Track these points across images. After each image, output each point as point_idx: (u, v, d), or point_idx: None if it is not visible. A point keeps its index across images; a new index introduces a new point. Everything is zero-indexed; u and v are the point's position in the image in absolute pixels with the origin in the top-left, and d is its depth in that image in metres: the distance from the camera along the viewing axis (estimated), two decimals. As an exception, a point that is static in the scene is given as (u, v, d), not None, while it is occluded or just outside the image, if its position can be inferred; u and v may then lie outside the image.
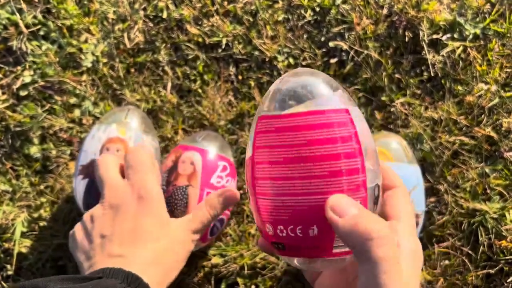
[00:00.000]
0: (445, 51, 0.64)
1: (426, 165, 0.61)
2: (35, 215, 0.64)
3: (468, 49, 0.64)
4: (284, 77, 0.34)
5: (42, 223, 0.64)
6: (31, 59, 0.68)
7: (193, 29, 0.69)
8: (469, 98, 0.62)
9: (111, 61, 0.69)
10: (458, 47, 0.64)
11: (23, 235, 0.63)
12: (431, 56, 0.64)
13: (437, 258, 0.59)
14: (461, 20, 0.65)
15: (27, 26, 0.69)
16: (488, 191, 0.59)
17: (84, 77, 0.68)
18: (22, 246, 0.63)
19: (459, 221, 0.59)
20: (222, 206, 0.51)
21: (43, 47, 0.68)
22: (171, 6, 0.70)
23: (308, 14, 0.68)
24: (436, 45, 0.65)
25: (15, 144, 0.66)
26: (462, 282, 0.57)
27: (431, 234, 0.60)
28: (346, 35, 0.66)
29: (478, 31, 0.64)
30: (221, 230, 0.58)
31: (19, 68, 0.68)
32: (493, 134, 0.61)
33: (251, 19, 0.69)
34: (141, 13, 0.70)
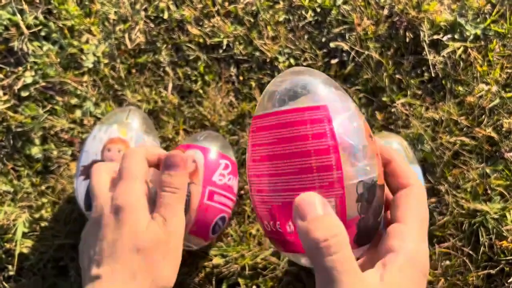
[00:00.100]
0: (445, 51, 0.64)
1: (427, 165, 0.61)
2: (36, 215, 0.64)
3: (469, 49, 0.64)
4: (274, 79, 0.34)
5: (44, 224, 0.64)
6: (32, 59, 0.68)
7: (194, 30, 0.69)
8: (470, 99, 0.62)
9: (112, 62, 0.69)
10: (458, 47, 0.64)
11: (24, 235, 0.63)
12: (431, 57, 0.64)
13: (438, 259, 0.59)
14: (461, 20, 0.65)
15: (28, 26, 0.69)
16: (488, 191, 0.59)
17: (85, 77, 0.68)
18: (24, 246, 0.63)
19: (459, 222, 0.59)
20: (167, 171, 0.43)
21: (44, 47, 0.68)
22: (172, 7, 0.70)
23: (309, 14, 0.68)
24: (436, 45, 0.65)
25: (17, 145, 0.66)
26: (463, 283, 0.57)
27: (432, 235, 0.60)
28: (347, 35, 0.66)
29: (479, 31, 0.64)
30: (222, 228, 0.58)
31: (20, 68, 0.68)
32: (493, 134, 0.61)
33: (252, 19, 0.69)
34: (142, 13, 0.70)
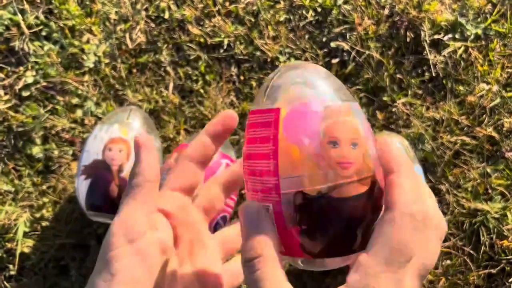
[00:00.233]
0: (446, 51, 0.64)
1: (428, 165, 0.62)
2: (38, 215, 0.64)
3: (470, 49, 0.64)
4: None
5: (45, 223, 0.64)
6: (33, 59, 0.68)
7: (195, 30, 0.69)
8: (471, 98, 0.62)
9: (113, 62, 0.69)
10: (459, 47, 0.64)
11: (25, 235, 0.63)
12: (432, 57, 0.64)
13: (439, 258, 0.59)
14: (462, 20, 0.65)
15: (29, 26, 0.69)
16: (489, 191, 0.59)
17: (86, 77, 0.68)
18: (25, 246, 0.63)
19: (460, 221, 0.59)
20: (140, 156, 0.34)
21: (45, 47, 0.69)
22: (173, 7, 0.70)
23: (310, 14, 0.68)
24: (437, 45, 0.65)
25: (18, 145, 0.66)
26: (464, 282, 0.57)
27: (432, 234, 0.60)
28: (348, 35, 0.66)
29: (480, 31, 0.64)
30: (224, 227, 0.58)
31: (21, 68, 0.68)
32: (494, 134, 0.61)
33: (252, 19, 0.69)
34: (143, 13, 0.70)
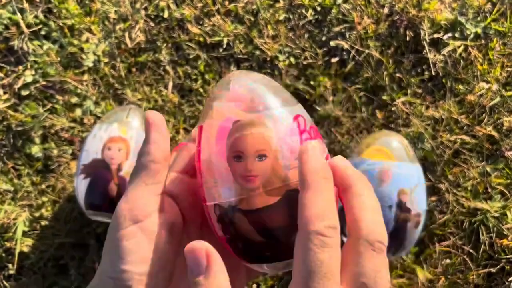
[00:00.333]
0: (446, 50, 0.64)
1: (427, 164, 0.61)
2: (37, 214, 0.64)
3: (469, 48, 0.64)
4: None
5: (44, 222, 0.64)
6: (32, 58, 0.68)
7: (194, 29, 0.69)
8: (470, 97, 0.62)
9: (113, 61, 0.69)
10: (459, 46, 0.64)
11: (24, 234, 0.63)
12: (432, 55, 0.64)
13: (438, 257, 0.59)
14: (462, 19, 0.65)
15: (29, 25, 0.69)
16: (489, 190, 0.59)
17: (86, 76, 0.68)
18: (24, 245, 0.63)
19: (460, 220, 0.59)
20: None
21: (45, 46, 0.68)
22: (172, 6, 0.70)
23: (309, 13, 0.68)
24: (437, 44, 0.65)
25: (17, 144, 0.66)
26: (463, 281, 0.57)
27: (432, 233, 0.60)
28: (347, 34, 0.66)
29: (479, 30, 0.64)
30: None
31: (20, 67, 0.68)
32: (494, 133, 0.61)
33: (252, 18, 0.69)
34: (142, 12, 0.70)
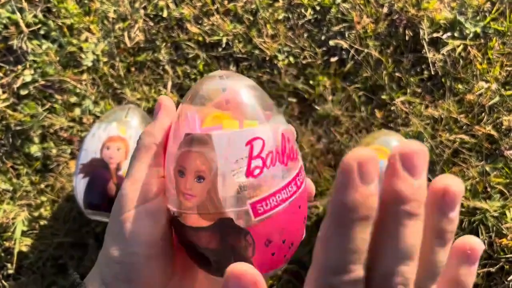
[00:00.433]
0: (445, 49, 0.64)
1: (427, 163, 0.61)
2: (36, 214, 0.64)
3: (469, 47, 0.64)
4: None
5: (43, 222, 0.64)
6: (31, 58, 0.68)
7: (193, 28, 0.69)
8: (470, 97, 0.62)
9: (112, 60, 0.69)
10: (458, 45, 0.64)
11: (23, 234, 0.63)
12: (431, 55, 0.64)
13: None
14: (461, 18, 0.65)
15: (28, 25, 0.69)
16: (488, 189, 0.59)
17: (85, 76, 0.68)
18: (23, 245, 0.63)
19: (459, 220, 0.59)
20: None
21: (44, 46, 0.68)
22: (171, 5, 0.70)
23: (309, 13, 0.68)
24: (436, 43, 0.65)
25: (16, 143, 0.66)
26: (463, 281, 0.57)
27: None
28: (347, 33, 0.66)
29: (479, 29, 0.64)
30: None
31: (19, 67, 0.68)
32: (493, 132, 0.61)
33: (251, 18, 0.69)
34: (141, 12, 0.70)
